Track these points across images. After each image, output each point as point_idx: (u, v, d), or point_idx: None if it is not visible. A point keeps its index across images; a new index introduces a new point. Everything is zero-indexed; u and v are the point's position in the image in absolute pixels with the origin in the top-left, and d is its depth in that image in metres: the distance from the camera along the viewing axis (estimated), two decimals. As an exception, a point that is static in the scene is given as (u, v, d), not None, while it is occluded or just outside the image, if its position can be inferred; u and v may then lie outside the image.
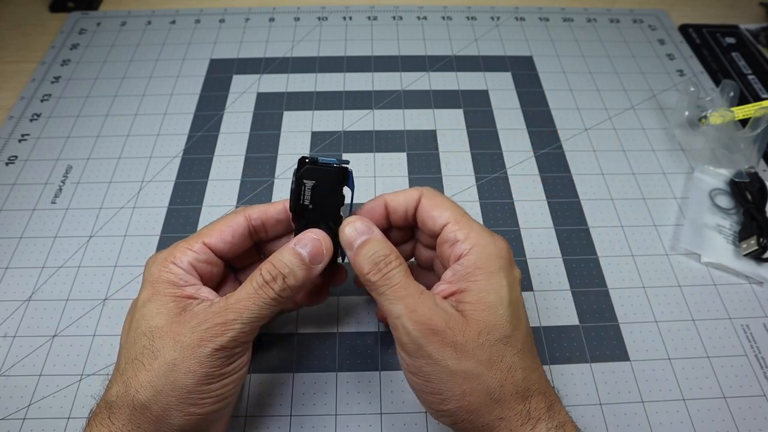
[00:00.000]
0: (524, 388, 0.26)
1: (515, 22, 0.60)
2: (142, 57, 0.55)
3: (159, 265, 0.28)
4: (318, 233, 0.28)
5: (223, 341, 0.25)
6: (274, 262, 0.27)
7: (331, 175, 0.29)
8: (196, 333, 0.25)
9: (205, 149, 0.47)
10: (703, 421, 0.33)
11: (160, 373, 0.25)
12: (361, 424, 0.33)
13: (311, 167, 0.29)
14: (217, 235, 0.29)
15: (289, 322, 0.37)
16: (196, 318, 0.26)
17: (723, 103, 0.48)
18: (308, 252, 0.27)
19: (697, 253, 0.41)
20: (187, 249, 0.28)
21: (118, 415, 0.25)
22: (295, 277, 0.27)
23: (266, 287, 0.26)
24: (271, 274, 0.26)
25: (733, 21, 0.62)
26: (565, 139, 0.49)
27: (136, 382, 0.25)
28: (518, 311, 0.27)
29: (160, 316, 0.26)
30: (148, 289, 0.27)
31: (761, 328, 0.37)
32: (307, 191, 0.29)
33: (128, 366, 0.26)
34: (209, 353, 0.25)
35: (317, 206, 0.29)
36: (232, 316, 0.25)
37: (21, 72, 0.54)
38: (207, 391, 0.25)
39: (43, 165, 0.46)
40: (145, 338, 0.26)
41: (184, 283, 0.27)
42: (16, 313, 0.37)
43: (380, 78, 0.53)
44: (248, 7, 0.61)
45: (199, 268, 0.28)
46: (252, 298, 0.26)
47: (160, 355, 0.25)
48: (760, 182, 0.44)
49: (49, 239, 0.41)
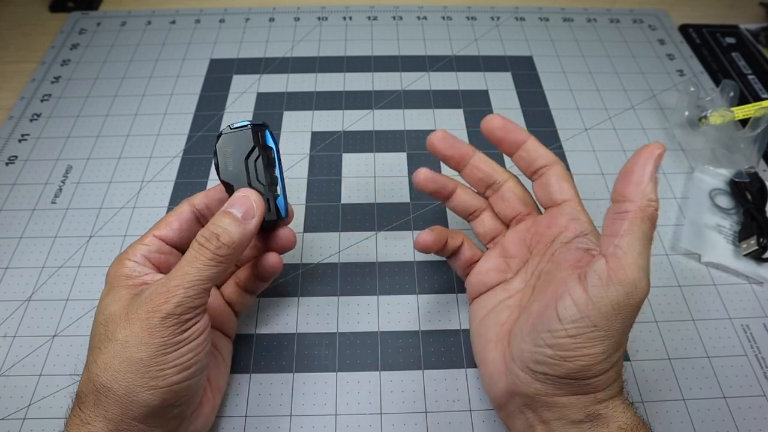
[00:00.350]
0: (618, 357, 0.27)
1: (515, 22, 0.60)
2: (142, 57, 0.55)
3: (116, 265, 0.29)
4: (244, 191, 0.29)
5: (169, 308, 0.26)
6: (208, 226, 0.28)
7: (246, 135, 0.30)
8: (142, 307, 0.26)
9: (205, 149, 0.47)
10: (703, 421, 0.33)
11: (114, 353, 0.25)
12: (361, 424, 0.33)
13: (225, 134, 0.30)
14: (164, 226, 0.31)
15: (288, 322, 0.37)
16: (142, 295, 0.27)
17: (723, 103, 0.48)
18: (238, 209, 0.28)
19: (697, 253, 0.41)
20: (139, 244, 0.30)
21: (85, 403, 0.26)
22: (230, 234, 0.28)
23: (202, 249, 0.27)
24: (205, 237, 0.27)
25: (733, 21, 0.62)
26: (565, 139, 0.49)
27: (96, 367, 0.26)
28: None
29: (114, 304, 0.27)
30: (106, 286, 0.29)
31: (761, 328, 0.37)
32: (229, 157, 0.30)
33: (90, 355, 0.27)
34: (158, 322, 0.25)
35: (246, 170, 0.30)
36: (174, 282, 0.26)
37: (21, 72, 0.54)
38: (164, 362, 0.26)
39: (43, 165, 0.46)
40: (101, 327, 0.27)
41: (138, 275, 0.28)
42: (16, 313, 0.37)
43: (380, 78, 0.53)
44: (248, 7, 0.61)
45: (153, 259, 0.30)
46: (191, 263, 0.27)
47: (113, 336, 0.26)
48: (760, 182, 0.44)
49: (49, 239, 0.41)
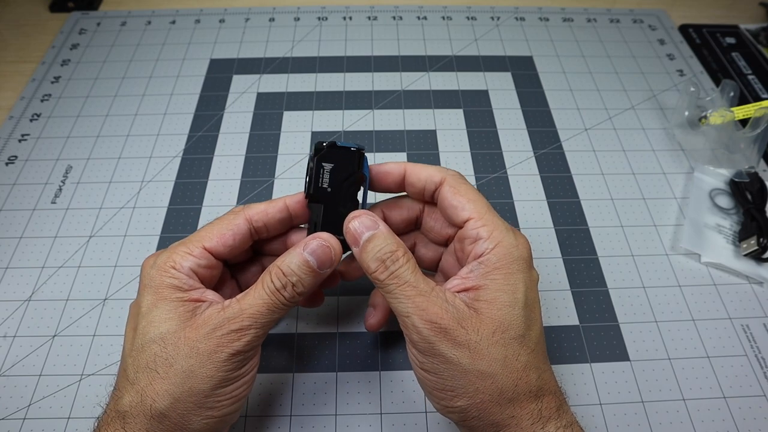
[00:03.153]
0: (537, 387, 0.26)
1: (515, 22, 0.60)
2: (142, 57, 0.55)
3: (159, 270, 0.27)
4: (326, 237, 0.28)
5: (240, 346, 0.25)
6: (283, 269, 0.27)
7: (350, 157, 0.29)
8: (212, 339, 0.25)
9: (205, 149, 0.47)
10: (703, 421, 0.33)
11: (177, 381, 0.25)
12: (361, 424, 0.33)
13: (331, 149, 0.29)
14: (218, 239, 0.28)
15: (289, 322, 0.37)
16: (209, 323, 0.25)
17: (723, 103, 0.48)
18: (317, 258, 0.27)
19: (697, 253, 0.41)
20: (188, 254, 0.28)
21: (132, 425, 0.25)
22: (304, 284, 0.27)
23: (278, 294, 0.26)
24: (281, 282, 0.26)
25: (733, 21, 0.62)
26: (565, 139, 0.49)
27: (152, 391, 0.25)
28: (533, 312, 0.27)
29: (170, 321, 0.26)
30: (150, 294, 0.27)
31: (761, 328, 0.37)
32: (326, 174, 0.29)
33: (140, 375, 0.25)
34: (225, 358, 0.25)
35: (336, 190, 0.29)
36: (248, 322, 0.25)
37: (21, 72, 0.54)
38: (222, 393, 0.26)
39: (43, 165, 0.46)
40: (155, 345, 0.25)
41: (188, 288, 0.27)
42: (16, 313, 0.37)
43: (380, 78, 0.53)
44: (248, 7, 0.61)
45: (200, 273, 0.28)
46: (266, 304, 0.26)
47: (175, 362, 0.25)
48: (760, 182, 0.44)
49: (49, 239, 0.41)
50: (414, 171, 0.30)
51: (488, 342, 0.25)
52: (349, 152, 0.29)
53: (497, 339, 0.25)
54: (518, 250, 0.27)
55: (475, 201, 0.28)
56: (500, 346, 0.25)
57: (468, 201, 0.28)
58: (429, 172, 0.29)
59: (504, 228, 0.28)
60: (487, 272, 0.26)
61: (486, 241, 0.27)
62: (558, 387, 0.27)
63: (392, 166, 0.30)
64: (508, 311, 0.26)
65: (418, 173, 0.30)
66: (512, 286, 0.26)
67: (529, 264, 0.28)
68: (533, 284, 0.28)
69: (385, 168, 0.30)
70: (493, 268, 0.26)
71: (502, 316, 0.26)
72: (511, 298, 0.26)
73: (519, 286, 0.26)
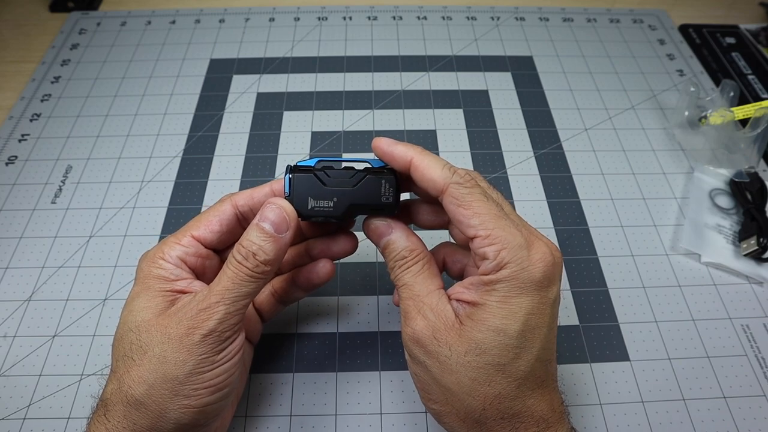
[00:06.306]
0: (511, 414, 0.25)
1: (515, 22, 0.60)
2: (142, 57, 0.55)
3: (148, 261, 0.28)
4: (276, 200, 0.28)
5: (210, 325, 0.25)
6: (243, 242, 0.27)
7: (308, 179, 0.29)
8: (183, 322, 0.25)
9: (205, 149, 0.47)
10: (703, 421, 0.33)
11: (150, 367, 0.25)
12: (361, 424, 0.33)
13: (297, 176, 0.28)
14: (205, 227, 0.29)
15: (289, 322, 0.37)
16: (182, 309, 0.26)
17: (723, 103, 0.48)
18: (271, 223, 0.27)
19: (697, 253, 0.41)
20: (175, 243, 0.28)
21: (113, 413, 0.25)
22: (265, 251, 0.26)
23: (240, 266, 0.26)
24: (242, 255, 0.26)
25: (733, 21, 0.62)
26: (565, 139, 0.49)
27: (129, 378, 0.25)
28: (530, 341, 0.25)
29: (146, 310, 0.26)
30: (138, 285, 0.28)
31: (761, 328, 0.37)
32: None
33: (119, 363, 0.26)
34: (198, 341, 0.25)
35: (336, 190, 0.29)
36: (215, 299, 0.26)
37: (21, 72, 0.54)
38: (199, 381, 0.25)
39: (43, 165, 0.46)
40: (132, 334, 0.26)
41: (174, 278, 0.28)
42: (16, 313, 0.37)
43: (380, 78, 0.53)
44: (248, 7, 0.61)
45: (190, 262, 0.28)
46: (230, 278, 0.26)
47: (149, 348, 0.25)
48: (760, 182, 0.44)
49: (49, 239, 0.41)
50: (419, 168, 0.27)
51: (458, 361, 0.25)
52: (306, 175, 0.28)
53: (469, 360, 0.24)
54: (527, 272, 0.25)
55: (482, 214, 0.25)
56: (471, 369, 0.24)
57: (474, 215, 0.25)
58: (432, 176, 0.26)
59: (516, 245, 0.25)
60: (486, 291, 0.25)
61: (491, 262, 0.25)
62: (553, 413, 0.26)
63: (400, 151, 0.27)
64: (492, 337, 0.24)
65: (422, 173, 0.27)
66: (508, 312, 0.24)
67: (543, 285, 0.25)
68: (543, 307, 0.25)
69: (391, 150, 0.28)
70: (492, 290, 0.25)
71: (482, 339, 0.24)
72: (501, 323, 0.24)
73: (517, 313, 0.24)
